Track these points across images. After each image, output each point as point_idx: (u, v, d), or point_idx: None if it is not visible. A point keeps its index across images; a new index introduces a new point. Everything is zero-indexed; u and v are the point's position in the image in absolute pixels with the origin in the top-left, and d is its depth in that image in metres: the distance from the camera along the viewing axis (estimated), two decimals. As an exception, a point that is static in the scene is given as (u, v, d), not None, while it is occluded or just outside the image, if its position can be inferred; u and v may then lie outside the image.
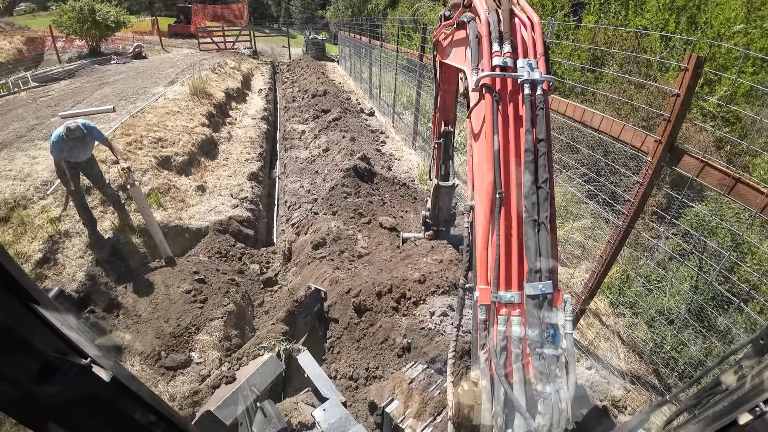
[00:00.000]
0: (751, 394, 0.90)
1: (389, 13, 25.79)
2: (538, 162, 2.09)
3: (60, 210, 5.83)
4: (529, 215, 2.01)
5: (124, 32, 24.39)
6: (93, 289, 4.94)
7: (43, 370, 0.74)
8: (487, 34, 2.26)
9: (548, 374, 1.88)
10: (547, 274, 1.97)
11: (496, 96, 2.14)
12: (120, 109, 9.86)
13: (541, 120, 2.13)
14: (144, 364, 4.26)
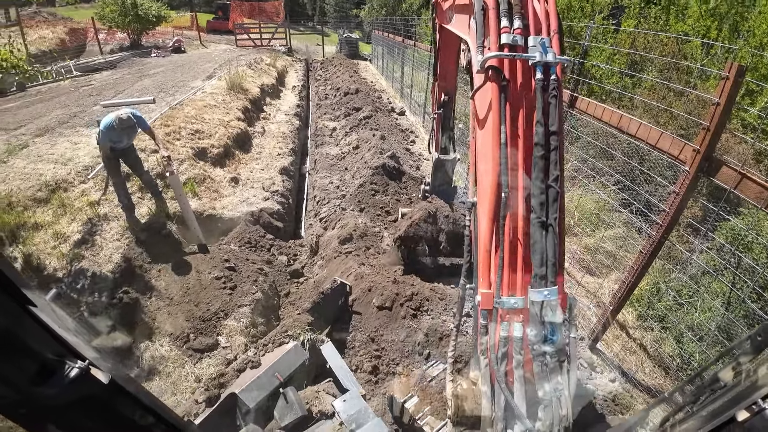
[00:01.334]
0: (749, 390, 0.90)
1: (423, 13, 25.76)
2: (549, 158, 1.89)
3: (99, 194, 6.12)
4: (536, 216, 1.85)
5: (164, 27, 25.18)
6: (128, 271, 5.17)
7: (41, 372, 0.73)
8: (495, 6, 1.96)
9: (549, 380, 1.79)
10: (552, 279, 1.83)
11: (503, 81, 1.89)
12: (159, 101, 10.22)
13: (553, 109, 1.90)
14: (173, 345, 4.44)
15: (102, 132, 5.32)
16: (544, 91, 1.90)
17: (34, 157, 7.52)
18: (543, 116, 1.89)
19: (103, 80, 15.09)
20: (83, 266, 5.22)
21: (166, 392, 4.05)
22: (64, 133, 8.72)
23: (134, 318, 4.62)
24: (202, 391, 3.55)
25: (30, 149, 7.95)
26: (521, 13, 1.97)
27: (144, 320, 4.63)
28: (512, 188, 1.87)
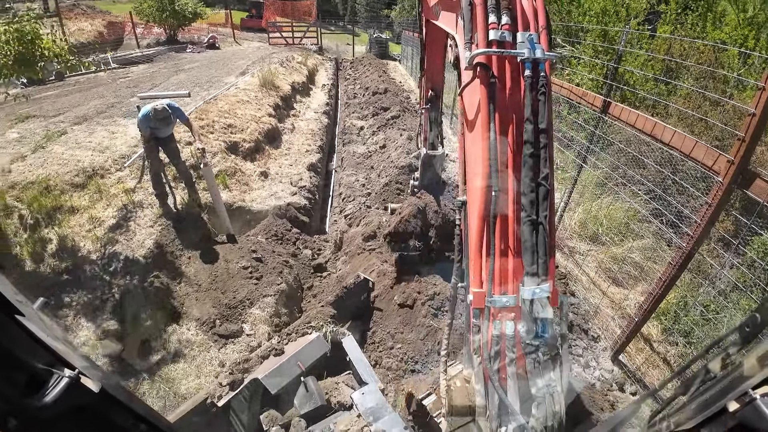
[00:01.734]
0: (739, 381, 0.89)
1: None
2: (539, 155, 1.87)
3: (135, 182, 6.36)
4: (526, 214, 1.84)
5: (199, 23, 25.77)
6: (160, 257, 5.38)
7: (31, 383, 0.72)
8: (483, 2, 1.95)
9: (542, 377, 1.80)
10: (544, 277, 1.84)
11: (492, 78, 1.87)
12: (194, 95, 10.52)
13: (542, 106, 1.88)
14: (199, 330, 4.60)
15: (140, 120, 5.54)
16: (532, 88, 1.88)
17: (72, 144, 7.86)
18: (532, 114, 1.87)
19: (140, 73, 15.60)
20: (116, 250, 5.45)
21: (190, 375, 4.21)
22: (102, 122, 9.06)
23: (164, 302, 4.80)
24: (227, 375, 3.67)
25: (68, 136, 8.30)
26: (509, 9, 1.95)
27: (173, 304, 4.81)
28: (502, 186, 1.86)
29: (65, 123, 9.16)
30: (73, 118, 9.47)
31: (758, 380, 0.83)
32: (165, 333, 4.54)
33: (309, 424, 3.47)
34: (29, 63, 4.81)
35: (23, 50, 4.71)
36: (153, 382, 4.13)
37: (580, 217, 6.20)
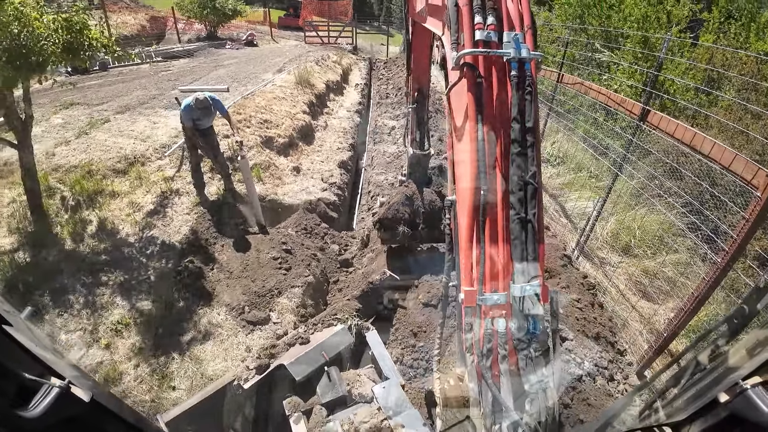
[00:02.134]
0: (729, 372, 0.90)
1: None
2: (526, 154, 1.90)
3: (174, 171, 6.61)
4: (516, 213, 1.87)
5: (238, 20, 26.34)
6: (194, 243, 5.58)
7: (21, 393, 0.71)
8: (468, 2, 1.97)
9: (535, 373, 1.82)
10: (534, 274, 1.87)
11: (478, 78, 1.90)
12: (233, 90, 10.81)
13: (529, 105, 1.90)
14: (228, 315, 4.76)
15: (183, 112, 5.76)
16: (519, 87, 1.90)
17: (115, 132, 8.21)
18: (519, 113, 1.89)
19: (180, 67, 16.11)
20: (154, 234, 5.69)
21: (218, 357, 4.36)
22: (144, 112, 9.42)
23: (197, 286, 4.99)
24: (254, 359, 3.79)
25: (111, 124, 8.68)
26: (494, 9, 1.97)
27: (205, 289, 4.99)
28: (490, 185, 1.88)
29: (108, 111, 9.56)
30: (116, 107, 9.87)
31: (748, 371, 0.84)
32: (196, 315, 4.72)
33: (329, 413, 3.54)
34: (76, 52, 4.98)
35: (71, 39, 4.87)
36: (182, 361, 4.30)
37: (612, 227, 6.08)
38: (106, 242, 5.51)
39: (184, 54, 19.27)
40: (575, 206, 6.50)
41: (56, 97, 11.25)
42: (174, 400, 3.95)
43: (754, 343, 0.91)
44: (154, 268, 5.21)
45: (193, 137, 5.97)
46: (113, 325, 4.58)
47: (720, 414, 0.87)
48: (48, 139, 7.94)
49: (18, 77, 4.62)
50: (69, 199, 6.16)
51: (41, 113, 8.60)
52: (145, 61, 16.57)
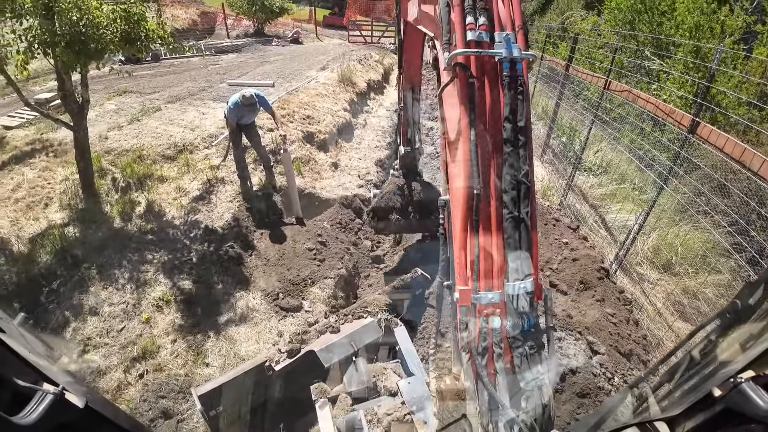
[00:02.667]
0: (723, 366, 0.90)
1: (536, 19, 25.01)
2: (518, 153, 1.91)
3: (219, 161, 6.87)
4: (509, 212, 1.88)
5: (285, 18, 26.93)
6: (235, 230, 5.80)
7: (15, 400, 0.71)
8: (460, 2, 1.98)
9: (530, 371, 1.81)
10: (528, 272, 1.87)
11: (471, 78, 1.90)
12: (278, 86, 11.13)
13: (521, 105, 1.90)
14: (263, 300, 4.93)
15: (229, 108, 5.99)
16: (511, 87, 1.89)
17: (165, 120, 8.60)
18: (511, 112, 1.89)
19: (229, 61, 16.66)
20: (198, 218, 5.95)
21: (251, 339, 4.53)
22: (194, 103, 9.81)
23: (235, 270, 5.19)
24: (286, 343, 3.92)
25: (162, 113, 9.09)
26: (486, 10, 1.96)
27: (243, 274, 5.19)
28: (483, 185, 1.88)
29: (160, 101, 10.01)
30: (167, 97, 10.33)
31: (741, 365, 0.84)
32: (233, 298, 4.91)
33: (354, 402, 3.61)
34: (133, 42, 5.22)
35: (129, 29, 5.10)
36: (217, 340, 4.49)
37: (654, 242, 5.89)
38: (153, 223, 5.80)
39: (232, 49, 19.87)
40: (616, 218, 6.33)
41: (110, 84, 11.86)
42: (206, 376, 4.13)
43: (746, 337, 0.91)
44: (196, 250, 5.45)
45: (237, 131, 6.20)
46: (155, 300, 4.82)
47: (714, 408, 0.87)
48: (101, 123, 8.42)
49: (77, 62, 4.85)
50: (119, 180, 6.52)
51: (96, 99, 9.09)
52: (196, 54, 17.21)
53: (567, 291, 5.08)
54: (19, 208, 5.94)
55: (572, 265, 5.43)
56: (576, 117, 8.11)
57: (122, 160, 6.89)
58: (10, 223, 5.65)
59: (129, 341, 4.44)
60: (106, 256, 5.26)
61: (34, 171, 6.77)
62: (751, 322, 0.97)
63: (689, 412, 0.95)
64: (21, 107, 9.57)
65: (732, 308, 1.03)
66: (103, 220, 5.81)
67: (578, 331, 4.51)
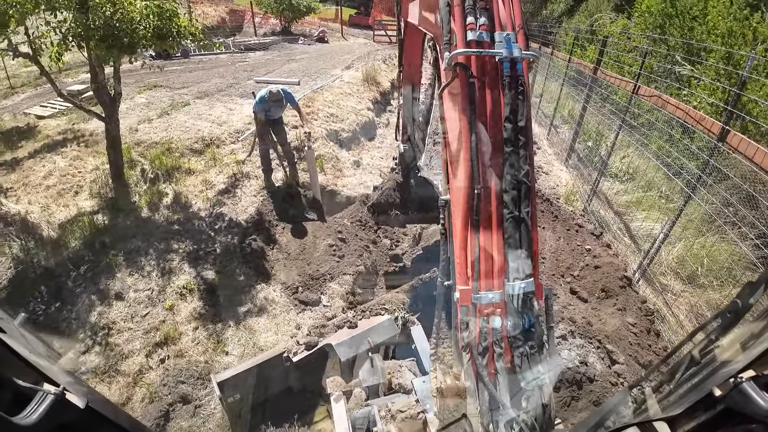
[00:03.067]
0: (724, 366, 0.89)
1: (565, 20, 24.65)
2: (518, 153, 1.89)
3: (245, 155, 7.01)
4: (509, 211, 1.87)
5: (311, 17, 27.23)
6: (258, 223, 5.92)
7: (15, 400, 0.70)
8: (460, 3, 1.97)
9: (530, 370, 1.80)
10: (528, 272, 1.86)
11: (471, 78, 1.90)
12: (303, 83, 11.25)
13: (521, 105, 1.90)
14: (283, 293, 5.02)
15: (257, 103, 6.10)
16: (511, 86, 1.88)
17: (194, 115, 8.81)
18: (511, 112, 1.88)
19: (256, 59, 16.92)
20: (223, 211, 6.09)
21: (269, 330, 4.62)
22: (221, 99, 10.02)
23: (257, 263, 5.30)
24: (304, 335, 3.99)
25: (191, 107, 9.31)
26: (486, 10, 1.95)
27: (264, 266, 5.30)
28: (484, 185, 1.87)
29: (188, 96, 10.26)
30: (196, 92, 10.57)
31: (742, 364, 0.84)
32: (254, 290, 5.02)
33: (368, 398, 3.66)
34: (165, 37, 5.32)
35: (161, 25, 5.19)
36: (237, 330, 4.59)
37: (679, 252, 5.75)
38: (179, 214, 5.96)
39: (259, 47, 20.15)
40: (641, 226, 6.21)
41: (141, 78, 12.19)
42: (225, 364, 4.24)
43: (747, 336, 0.90)
44: (220, 241, 5.59)
45: (264, 127, 6.30)
46: (179, 288, 4.96)
47: (715, 408, 0.87)
48: (132, 116, 8.68)
49: (110, 56, 4.99)
50: (148, 171, 6.72)
51: (127, 92, 9.36)
52: (224, 52, 17.54)
53: (587, 298, 5.02)
54: (49, 195, 6.18)
55: (594, 272, 5.36)
56: (603, 121, 7.96)
57: (151, 152, 7.10)
58: (40, 209, 5.88)
59: (152, 327, 4.58)
60: (133, 243, 5.43)
61: (65, 160, 7.03)
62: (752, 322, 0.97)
63: (690, 411, 0.95)
64: (53, 98, 9.95)
65: (732, 308, 1.02)
66: (132, 209, 6.00)
67: (598, 339, 4.46)
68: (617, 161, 8.00)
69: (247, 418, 3.85)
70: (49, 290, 4.84)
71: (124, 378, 4.14)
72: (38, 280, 4.90)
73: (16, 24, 4.57)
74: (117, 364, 4.24)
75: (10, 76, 12.92)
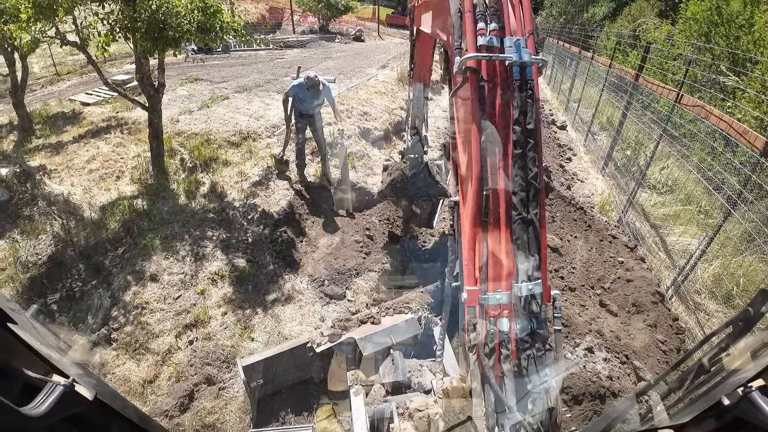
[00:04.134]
0: (734, 375, 0.87)
1: (606, 25, 24.02)
2: (527, 155, 1.91)
3: (279, 150, 7.17)
4: (518, 213, 1.89)
5: (349, 16, 27.50)
6: (289, 216, 6.06)
7: (25, 391, 0.71)
8: (471, 8, 2.01)
9: (537, 373, 1.80)
10: (536, 274, 1.87)
11: (481, 81, 1.94)
12: (339, 82, 11.40)
13: (530, 108, 1.92)
14: (309, 284, 5.12)
15: (293, 86, 6.16)
16: (521, 90, 1.91)
17: (232, 108, 9.08)
18: (521, 115, 1.91)
19: (294, 56, 17.25)
20: (256, 202, 6.26)
21: (294, 320, 4.73)
22: (259, 94, 10.28)
23: (286, 254, 5.44)
24: (328, 328, 4.07)
25: (230, 101, 9.59)
26: (497, 15, 1.98)
27: (293, 258, 5.42)
28: (493, 186, 1.90)
29: (228, 90, 10.57)
30: (235, 87, 10.88)
31: (752, 374, 0.83)
32: (282, 280, 5.15)
33: (387, 394, 3.69)
34: (208, 32, 5.47)
35: (205, 20, 5.32)
36: (264, 317, 4.72)
37: (715, 271, 5.54)
38: (215, 203, 6.17)
39: (297, 44, 20.55)
40: (677, 241, 6.00)
41: (183, 71, 12.62)
42: (251, 350, 4.36)
43: (758, 345, 0.89)
44: (252, 231, 5.76)
45: (302, 121, 6.42)
46: (210, 274, 5.14)
47: (724, 417, 0.86)
48: (174, 107, 9.02)
49: (155, 48, 5.15)
50: (187, 161, 6.98)
51: (169, 84, 9.73)
52: (263, 48, 17.95)
53: (617, 312, 4.91)
54: (92, 178, 6.50)
55: (626, 285, 5.23)
56: (643, 130, 7.72)
57: (191, 143, 7.37)
58: (83, 191, 6.20)
59: (183, 309, 4.76)
60: (169, 229, 5.66)
61: (108, 146, 7.38)
62: (763, 330, 0.95)
63: (698, 420, 0.94)
64: (98, 86, 10.43)
65: (744, 316, 1.01)
66: (170, 196, 6.24)
67: (625, 354, 4.36)
68: (656, 172, 7.75)
69: (268, 403, 3.97)
70: (87, 268, 5.10)
71: (153, 356, 4.32)
72: (77, 258, 5.17)
73: (65, 13, 4.73)
74: (147, 342, 4.43)
75: (56, 64, 13.63)
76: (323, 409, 4.00)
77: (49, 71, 13.53)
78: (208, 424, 3.73)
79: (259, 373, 3.83)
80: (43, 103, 9.70)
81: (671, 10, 14.65)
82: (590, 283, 5.35)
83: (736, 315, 1.04)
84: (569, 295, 5.07)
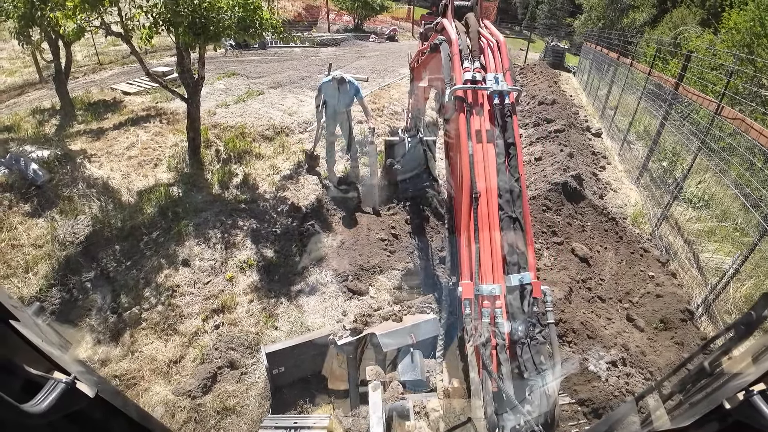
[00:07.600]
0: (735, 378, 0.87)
1: (647, 31, 23.33)
2: (510, 164, 2.33)
3: (310, 146, 7.31)
4: (504, 212, 2.22)
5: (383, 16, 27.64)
6: (317, 210, 6.18)
7: (26, 388, 0.71)
8: (458, 53, 2.56)
9: (534, 363, 1.94)
10: (524, 266, 2.14)
11: (468, 106, 2.40)
12: (371, 80, 11.51)
13: (510, 126, 2.38)
14: (333, 279, 5.22)
15: (323, 83, 6.31)
16: (501, 113, 2.40)
17: (267, 103, 9.31)
18: (502, 132, 2.38)
19: (328, 54, 17.47)
20: (286, 195, 6.41)
21: (317, 312, 4.83)
22: (293, 90, 10.49)
23: (313, 247, 5.56)
24: (351, 322, 4.15)
25: (265, 96, 9.83)
26: (478, 58, 2.54)
27: (319, 251, 5.54)
28: (482, 190, 2.26)
29: (263, 85, 10.83)
30: (270, 83, 11.13)
31: (754, 377, 0.83)
32: (307, 272, 5.27)
33: (404, 392, 3.74)
34: (248, 28, 5.59)
35: (245, 17, 5.44)
36: (288, 307, 4.85)
37: (748, 291, 5.35)
38: (247, 194, 6.36)
39: (332, 42, 20.80)
40: (711, 258, 5.81)
41: (220, 65, 12.97)
42: (274, 338, 4.49)
43: (760, 349, 0.89)
44: (281, 223, 5.91)
45: (333, 119, 6.53)
46: (239, 262, 5.31)
47: (725, 421, 0.86)
48: (211, 100, 9.31)
49: (196, 42, 5.32)
50: (222, 152, 7.20)
51: (208, 77, 10.02)
52: (299, 45, 18.26)
53: (644, 328, 4.81)
54: (131, 164, 6.79)
55: (655, 301, 5.11)
56: (680, 141, 7.48)
57: (226, 135, 7.60)
58: (121, 176, 6.48)
59: (212, 294, 4.94)
60: (202, 216, 5.87)
61: (147, 134, 7.68)
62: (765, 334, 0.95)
63: (699, 424, 0.95)
64: (139, 76, 10.83)
65: (746, 320, 1.01)
66: (204, 185, 6.47)
67: (649, 370, 4.27)
68: (693, 185, 7.52)
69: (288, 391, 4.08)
70: (122, 249, 5.34)
71: (180, 337, 4.50)
72: (113, 240, 5.41)
73: (110, 3, 4.86)
74: (176, 323, 4.61)
75: (99, 53, 14.22)
76: (324, 408, 4.07)
77: (91, 60, 14.15)
78: (229, 407, 3.86)
79: (281, 361, 3.94)
80: (85, 90, 10.17)
81: (713, 19, 14.11)
82: (618, 296, 5.25)
83: (737, 319, 1.05)
84: (596, 306, 4.99)
